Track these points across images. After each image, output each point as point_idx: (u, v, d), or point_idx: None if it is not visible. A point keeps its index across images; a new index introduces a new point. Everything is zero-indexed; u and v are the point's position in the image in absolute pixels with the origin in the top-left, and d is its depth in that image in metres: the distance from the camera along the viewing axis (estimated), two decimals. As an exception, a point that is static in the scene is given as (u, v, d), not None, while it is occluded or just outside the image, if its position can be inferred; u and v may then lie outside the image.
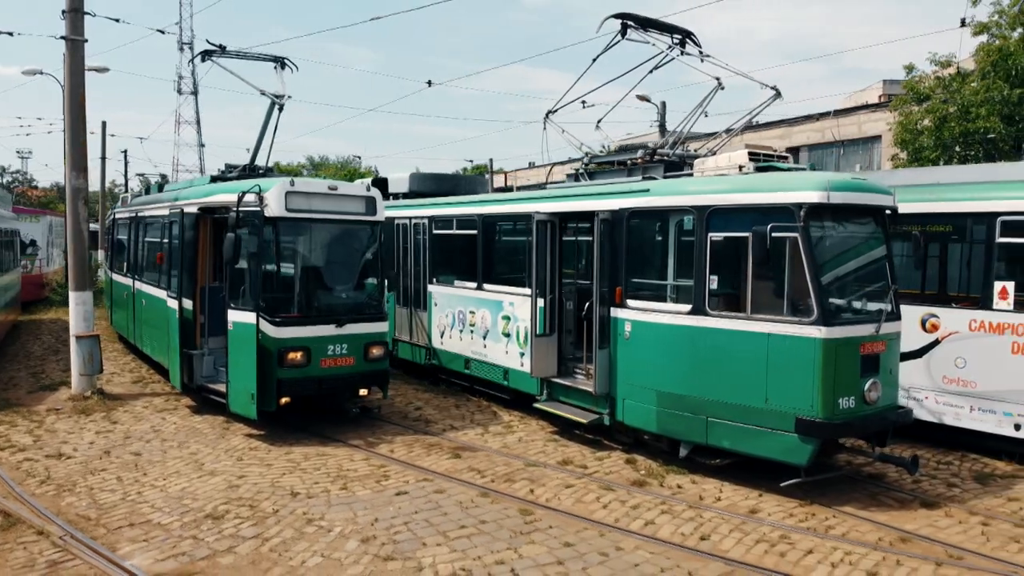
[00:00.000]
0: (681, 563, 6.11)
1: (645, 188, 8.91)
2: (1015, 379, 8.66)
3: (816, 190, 7.45)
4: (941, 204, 9.45)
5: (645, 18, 9.82)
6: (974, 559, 6.27)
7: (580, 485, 7.99)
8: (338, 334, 9.72)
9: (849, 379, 7.46)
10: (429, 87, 26.04)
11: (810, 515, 7.23)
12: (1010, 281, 8.75)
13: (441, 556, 6.21)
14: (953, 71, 24.89)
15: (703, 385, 8.17)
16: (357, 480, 8.11)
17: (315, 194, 9.80)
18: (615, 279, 9.09)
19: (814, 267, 7.39)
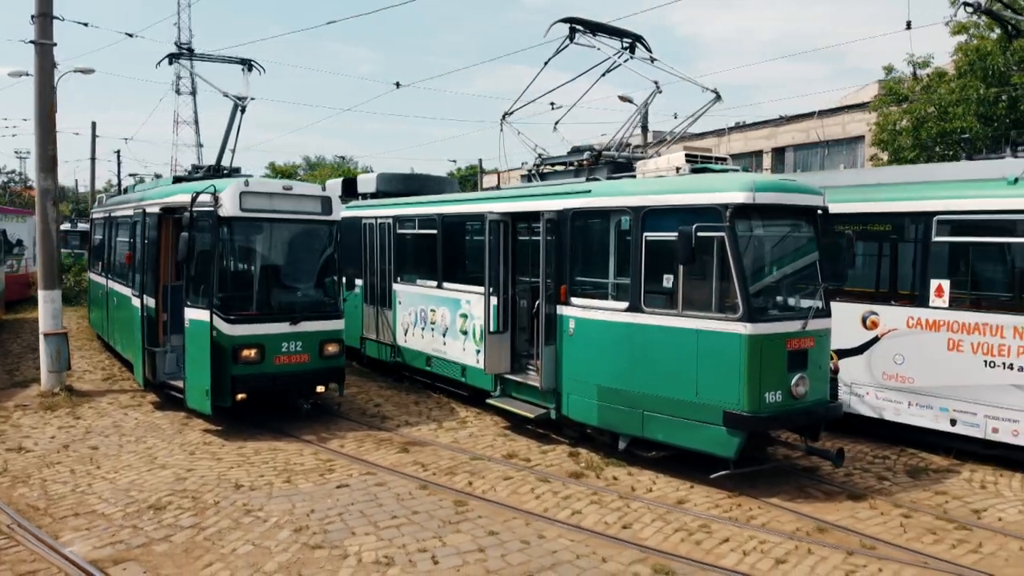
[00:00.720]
0: (597, 550, 6.31)
1: (587, 189, 9.12)
2: (950, 375, 8.86)
3: (741, 191, 7.66)
4: (882, 204, 9.66)
5: (593, 23, 10.03)
6: (886, 549, 6.46)
7: (519, 477, 8.20)
8: (292, 332, 9.94)
9: (775, 374, 7.67)
10: (397, 88, 26.21)
11: (736, 506, 7.44)
12: (945, 279, 8.96)
13: (368, 544, 6.42)
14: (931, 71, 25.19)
15: (639, 380, 8.37)
16: (302, 474, 8.31)
17: (270, 194, 10.01)
18: (560, 277, 9.30)
19: (740, 265, 7.59)
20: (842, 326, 9.80)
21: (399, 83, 20.69)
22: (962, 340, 8.75)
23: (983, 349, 8.58)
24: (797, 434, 8.52)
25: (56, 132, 12.82)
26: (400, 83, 19.76)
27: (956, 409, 8.86)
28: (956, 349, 8.80)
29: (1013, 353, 8.33)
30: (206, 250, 9.79)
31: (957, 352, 8.79)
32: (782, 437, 8.89)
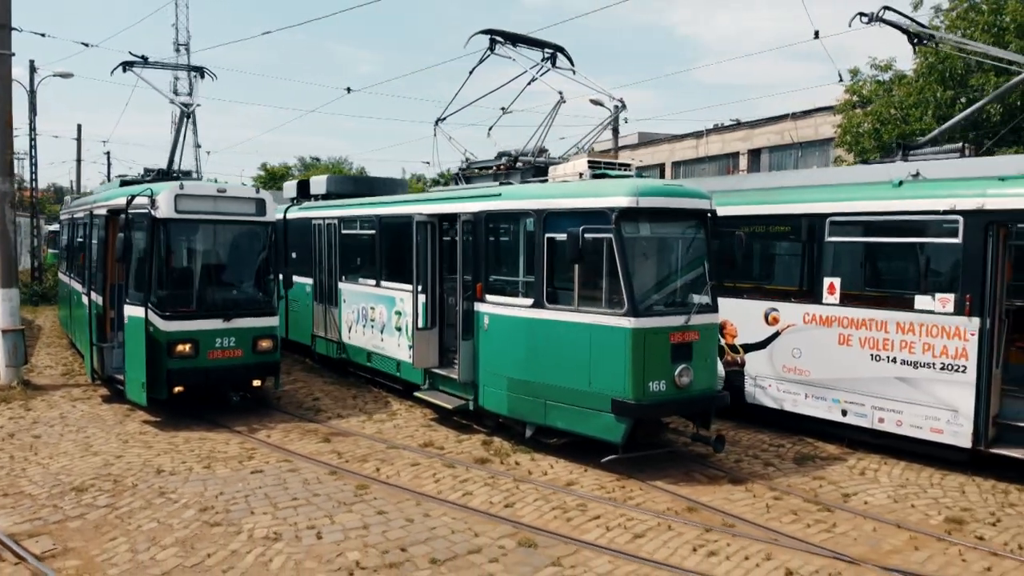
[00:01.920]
0: (474, 526, 6.83)
1: (498, 192, 9.64)
2: (841, 368, 9.38)
3: (626, 195, 8.18)
4: (783, 207, 10.18)
5: (513, 34, 10.54)
6: (744, 527, 6.98)
7: (426, 464, 8.72)
8: (226, 328, 10.45)
9: (659, 365, 8.18)
10: (348, 93, 26.84)
11: (620, 487, 7.96)
12: (837, 277, 9.48)
13: (262, 522, 6.93)
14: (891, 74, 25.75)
15: (543, 371, 8.89)
16: (222, 460, 8.83)
17: (204, 196, 10.52)
18: (476, 276, 9.82)
19: (625, 264, 8.11)
20: (748, 322, 10.39)
21: (350, 88, 21.26)
22: (851, 335, 9.27)
23: (869, 343, 9.09)
24: (691, 421, 9.03)
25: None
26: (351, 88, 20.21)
27: (847, 400, 9.38)
28: (846, 343, 9.32)
29: (896, 347, 8.84)
30: (143, 250, 10.31)
31: (847, 346, 9.31)
32: (676, 424, 9.40)
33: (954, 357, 8.33)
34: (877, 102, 25.02)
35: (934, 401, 8.52)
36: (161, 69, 13.81)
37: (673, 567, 6.04)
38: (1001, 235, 8.12)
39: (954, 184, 8.53)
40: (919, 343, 8.62)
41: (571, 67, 10.93)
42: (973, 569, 6.09)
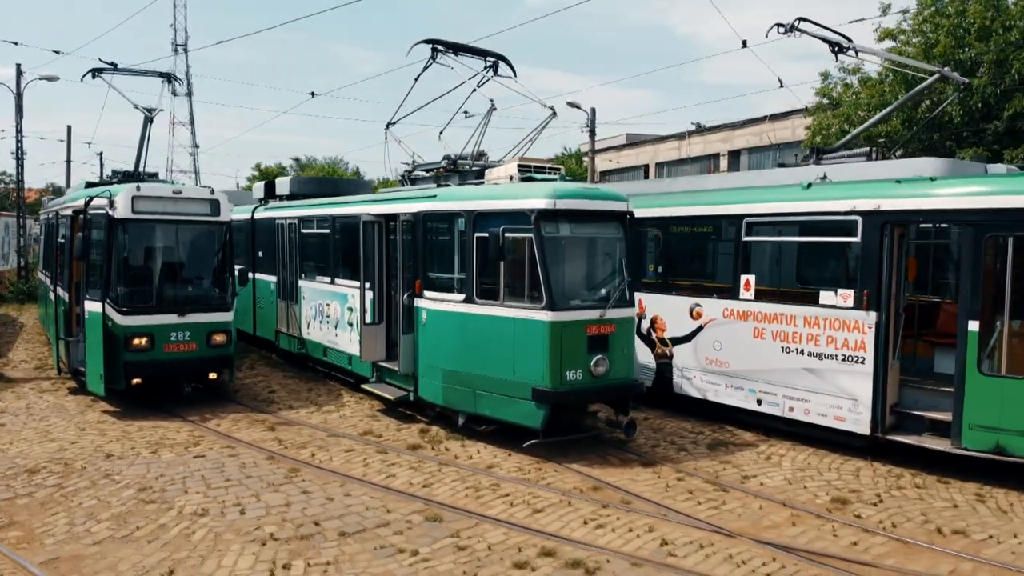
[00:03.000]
0: (388, 504, 7.38)
1: (433, 194, 10.20)
2: (756, 360, 9.94)
3: (544, 198, 8.74)
4: (707, 208, 10.75)
5: (454, 43, 11.08)
6: (640, 504, 7.53)
7: (360, 450, 9.27)
8: (181, 322, 11.00)
9: (576, 356, 8.74)
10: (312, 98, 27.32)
11: (537, 469, 8.52)
12: (752, 274, 10.04)
13: (193, 500, 7.48)
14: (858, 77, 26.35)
15: (473, 362, 9.44)
16: (169, 447, 9.37)
17: (160, 198, 11.07)
18: (416, 273, 10.37)
19: (544, 261, 8.67)
20: (676, 317, 10.96)
21: (314, 92, 21.89)
22: (764, 328, 9.82)
23: (780, 336, 9.65)
24: (612, 407, 9.58)
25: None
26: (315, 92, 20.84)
27: (761, 390, 9.93)
28: (760, 337, 9.88)
29: (804, 340, 9.40)
30: (102, 248, 10.85)
31: (761, 339, 9.87)
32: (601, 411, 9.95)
33: (854, 349, 8.89)
34: (846, 104, 25.64)
35: (837, 391, 9.08)
36: (130, 75, 14.34)
37: (560, 537, 6.60)
38: (896, 234, 8.68)
39: (855, 187, 9.09)
40: (823, 336, 9.18)
41: (512, 75, 11.48)
42: (840, 544, 6.63)
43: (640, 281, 11.63)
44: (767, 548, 6.44)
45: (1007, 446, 7.83)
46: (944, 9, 22.59)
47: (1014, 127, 21.52)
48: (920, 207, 8.42)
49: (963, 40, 22.12)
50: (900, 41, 23.85)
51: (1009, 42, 21.13)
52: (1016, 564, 6.18)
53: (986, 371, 7.92)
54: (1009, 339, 7.83)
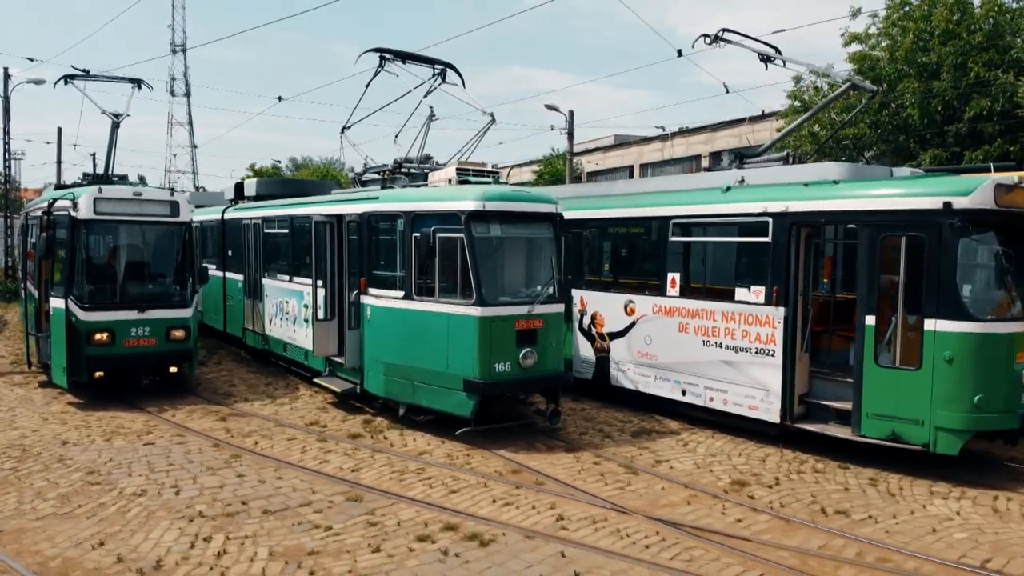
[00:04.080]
0: (315, 486, 7.92)
1: (376, 196, 10.74)
2: (681, 353, 10.49)
3: (474, 200, 9.28)
4: (639, 210, 11.30)
5: (402, 52, 11.60)
6: (552, 484, 8.08)
7: (301, 438, 9.81)
8: (140, 318, 11.54)
9: (505, 349, 9.28)
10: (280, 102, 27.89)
11: (466, 455, 9.06)
12: (678, 272, 10.58)
13: (135, 482, 8.02)
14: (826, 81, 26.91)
15: (412, 356, 9.98)
16: (123, 435, 9.91)
17: (121, 199, 11.61)
18: (361, 271, 10.91)
19: (475, 260, 9.21)
20: (613, 312, 11.51)
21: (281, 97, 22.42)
22: (688, 323, 10.37)
23: (702, 331, 10.20)
24: (544, 397, 10.12)
25: None
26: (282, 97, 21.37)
27: (686, 381, 10.48)
28: (684, 331, 10.42)
29: (722, 334, 9.94)
30: (65, 247, 11.39)
31: (685, 333, 10.41)
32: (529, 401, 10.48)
33: (765, 342, 9.43)
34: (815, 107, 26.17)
35: (751, 382, 9.62)
36: (102, 81, 14.86)
37: (466, 514, 7.14)
38: (803, 234, 9.22)
39: (768, 189, 9.64)
40: (739, 330, 9.72)
41: (460, 83, 12.01)
42: (725, 521, 7.17)
43: (583, 279, 12.22)
44: (655, 523, 6.98)
45: (901, 433, 8.37)
46: (912, 13, 23.15)
47: (975, 128, 22.09)
48: (823, 208, 8.96)
49: (927, 43, 22.70)
50: (868, 45, 24.44)
51: (971, 45, 21.70)
52: (886, 541, 6.70)
53: (882, 363, 8.46)
54: (903, 333, 8.36)
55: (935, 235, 8.05)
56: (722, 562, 6.21)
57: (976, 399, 7.94)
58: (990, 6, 21.83)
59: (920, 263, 8.18)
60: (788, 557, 6.33)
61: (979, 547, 6.57)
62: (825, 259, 10.17)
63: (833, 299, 10.50)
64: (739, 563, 6.19)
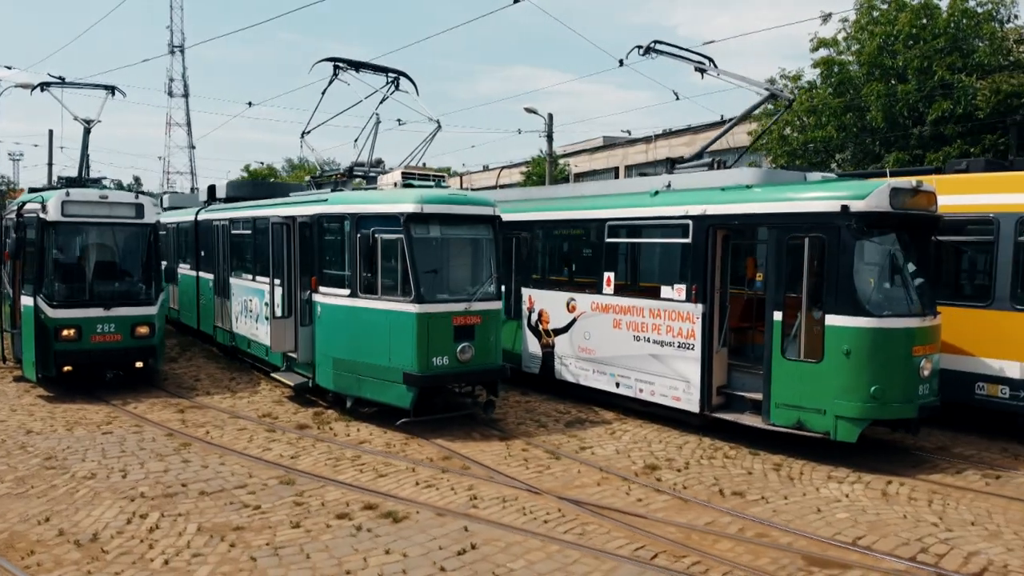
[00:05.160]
0: (253, 471, 8.49)
1: (326, 198, 11.32)
2: (615, 347, 11.07)
3: (412, 203, 9.86)
4: (580, 212, 11.90)
5: (354, 61, 12.17)
6: (477, 469, 8.65)
7: (251, 428, 10.39)
8: (106, 315, 12.11)
9: (443, 343, 9.86)
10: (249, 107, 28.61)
11: (404, 444, 9.63)
12: (612, 271, 11.16)
13: (87, 467, 8.59)
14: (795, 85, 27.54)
15: (357, 351, 10.55)
16: (85, 425, 10.48)
17: (88, 202, 12.20)
18: (312, 270, 11.47)
19: (413, 259, 9.79)
20: (556, 310, 12.10)
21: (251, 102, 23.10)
22: (621, 319, 10.95)
23: (632, 327, 10.77)
24: (485, 389, 10.70)
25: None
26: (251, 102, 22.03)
27: (619, 374, 11.06)
28: (618, 327, 11.00)
29: (650, 329, 10.52)
30: (35, 248, 11.98)
31: (619, 329, 10.99)
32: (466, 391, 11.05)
33: (686, 337, 10.01)
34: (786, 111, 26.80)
35: (674, 374, 10.20)
36: (75, 88, 15.45)
37: (387, 495, 7.71)
38: (719, 236, 9.80)
39: (689, 194, 10.23)
40: (664, 326, 10.30)
41: (415, 90, 12.58)
42: (628, 500, 7.75)
43: (531, 279, 12.80)
44: (561, 502, 7.55)
45: (806, 422, 8.94)
46: (880, 17, 23.75)
47: (937, 131, 22.68)
48: (737, 212, 9.54)
49: (892, 47, 23.30)
50: (836, 50, 25.04)
51: (935, 49, 22.28)
52: (771, 520, 7.25)
53: (789, 356, 9.04)
54: (807, 328, 8.93)
55: (834, 236, 8.62)
56: (611, 535, 6.78)
57: (872, 390, 8.51)
58: (953, 10, 22.41)
59: (821, 262, 8.76)
60: (674, 532, 6.90)
61: (856, 526, 7.13)
62: (748, 259, 10.73)
63: (756, 297, 11.07)
64: (626, 536, 6.75)
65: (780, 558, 6.36)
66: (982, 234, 10.12)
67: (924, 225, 9.13)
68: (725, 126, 12.25)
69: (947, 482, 8.40)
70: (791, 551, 6.52)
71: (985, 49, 21.74)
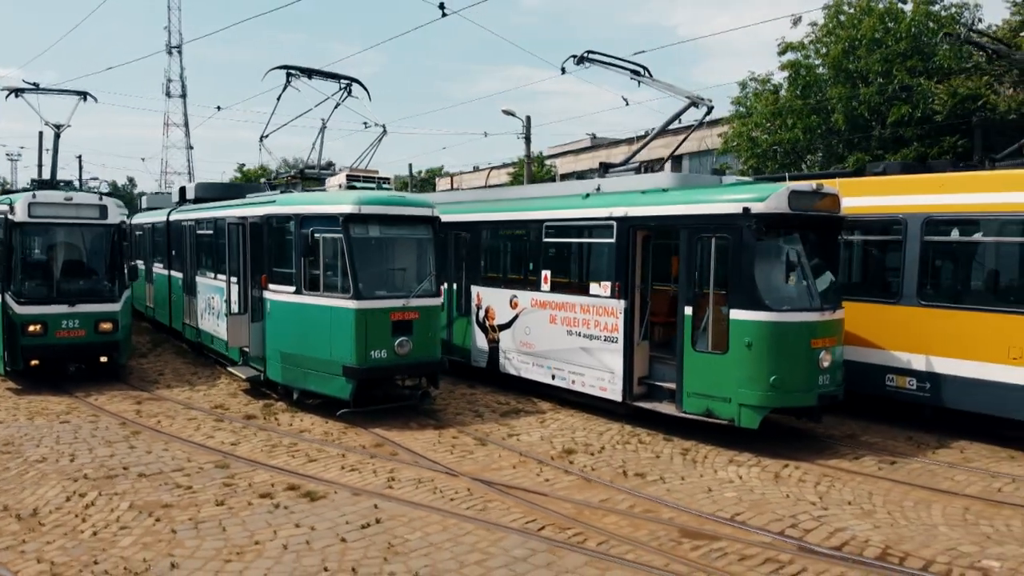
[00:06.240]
0: (193, 456, 9.08)
1: (274, 200, 11.92)
2: (551, 341, 11.66)
3: (350, 204, 10.45)
4: (521, 214, 12.50)
5: (307, 68, 12.76)
6: (404, 454, 9.24)
7: (201, 418, 10.98)
8: (71, 312, 12.71)
9: (380, 338, 10.44)
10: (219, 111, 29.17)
11: (342, 433, 10.22)
12: (549, 270, 11.76)
13: (40, 452, 9.19)
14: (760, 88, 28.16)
15: (302, 345, 11.14)
16: (45, 415, 11.08)
17: (54, 204, 12.80)
18: (262, 268, 12.06)
19: (352, 258, 10.38)
20: (501, 306, 12.69)
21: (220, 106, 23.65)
22: (556, 315, 11.54)
23: (566, 322, 11.36)
24: (426, 380, 11.29)
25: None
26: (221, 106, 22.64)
27: (554, 367, 11.65)
28: (554, 322, 11.60)
29: (580, 324, 11.11)
30: (3, 247, 12.58)
31: (554, 324, 11.58)
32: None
33: (611, 331, 10.60)
34: (756, 114, 27.45)
35: (601, 366, 10.79)
36: (48, 94, 16.03)
37: (311, 477, 8.30)
38: (639, 236, 10.40)
39: (615, 196, 10.82)
40: (592, 320, 10.89)
41: (366, 96, 13.17)
42: (536, 480, 8.33)
43: (479, 276, 13.39)
44: (473, 483, 8.14)
45: (714, 410, 9.53)
46: (846, 21, 24.35)
47: (896, 133, 23.27)
48: (653, 213, 10.14)
49: (855, 51, 23.90)
50: (803, 53, 25.65)
51: (897, 53, 22.88)
52: (662, 498, 7.83)
53: (698, 348, 9.63)
54: (714, 322, 9.52)
55: (737, 236, 9.21)
56: (510, 511, 7.37)
57: (772, 379, 9.10)
58: (916, 14, 23.00)
59: (726, 260, 9.35)
60: (568, 508, 7.49)
61: (739, 504, 7.71)
62: (673, 258, 11.32)
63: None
64: (523, 512, 7.34)
65: (657, 531, 6.94)
66: (892, 234, 10.71)
67: (826, 225, 9.71)
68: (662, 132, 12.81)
69: (842, 466, 8.98)
70: (670, 525, 7.10)
71: (946, 52, 22.28)
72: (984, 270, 10.17)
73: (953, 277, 10.54)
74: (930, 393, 10.21)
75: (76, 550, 6.43)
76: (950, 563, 6.36)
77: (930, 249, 10.27)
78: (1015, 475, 8.72)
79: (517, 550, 6.43)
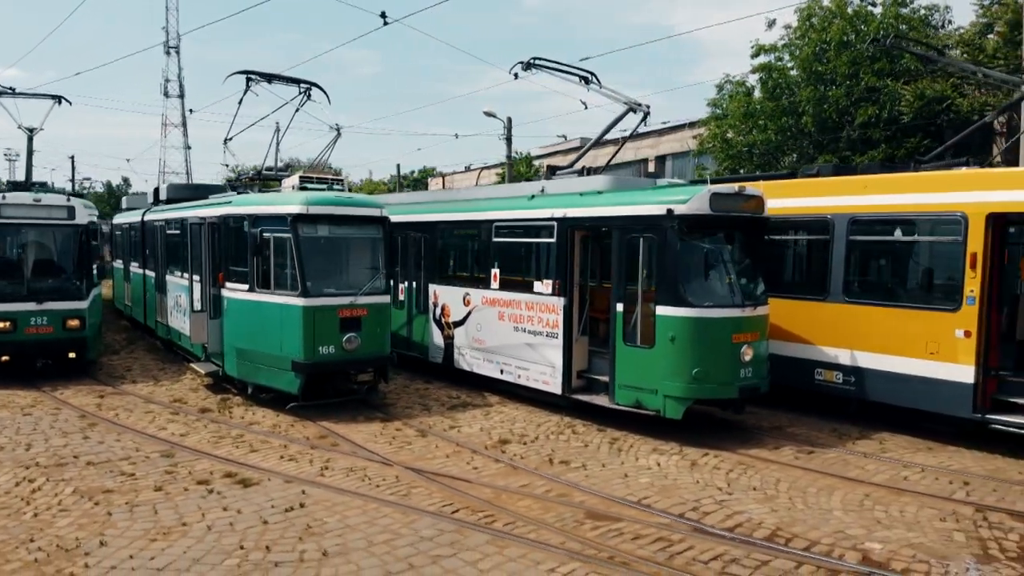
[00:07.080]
0: (142, 446, 9.51)
1: (230, 200, 12.36)
2: (499, 338, 12.10)
3: (299, 204, 10.89)
4: (474, 214, 12.93)
5: (267, 73, 13.19)
6: (346, 445, 9.67)
7: (158, 411, 11.41)
8: (39, 309, 13.15)
9: (328, 334, 10.87)
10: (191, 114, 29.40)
11: (290, 426, 10.65)
12: (498, 268, 12.19)
13: (-2, 442, 9.65)
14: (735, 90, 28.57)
15: (255, 341, 11.58)
16: (10, 408, 11.49)
17: (22, 205, 13.24)
18: (219, 267, 12.49)
19: (300, 256, 10.82)
20: (455, 304, 13.12)
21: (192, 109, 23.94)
22: (504, 312, 11.98)
23: (513, 318, 11.80)
24: (378, 374, 11.72)
25: None
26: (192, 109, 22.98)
27: (502, 362, 12.10)
28: (502, 319, 12.04)
29: (526, 321, 11.55)
30: (-28, 248, 13.04)
31: (502, 321, 12.02)
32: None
33: (552, 327, 11.04)
34: (731, 115, 27.89)
35: (544, 360, 11.23)
36: (23, 98, 16.46)
37: (248, 465, 8.73)
38: (577, 236, 10.84)
39: (556, 198, 11.27)
40: (536, 317, 11.33)
41: (326, 99, 13.60)
42: (465, 468, 8.76)
43: (436, 275, 13.83)
44: (404, 471, 8.58)
45: (643, 401, 9.97)
46: (817, 24, 24.78)
47: (864, 134, 23.70)
48: (589, 214, 10.58)
49: (825, 53, 24.34)
50: (776, 55, 26.09)
51: (864, 56, 23.31)
52: (579, 483, 8.26)
53: (628, 343, 10.07)
54: (642, 317, 9.96)
55: (662, 236, 9.64)
56: (431, 496, 7.80)
57: (694, 372, 9.54)
58: (886, 16, 23.42)
59: (652, 259, 9.78)
60: (487, 493, 7.92)
61: (650, 488, 8.15)
62: (615, 256, 11.73)
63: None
64: (444, 496, 7.78)
65: (564, 513, 7.38)
66: (820, 233, 11.14)
67: (749, 226, 10.14)
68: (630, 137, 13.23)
69: (761, 456, 9.41)
70: (579, 508, 7.54)
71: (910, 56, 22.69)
72: (904, 268, 10.60)
73: (876, 275, 10.99)
74: (855, 387, 10.65)
75: (16, 529, 6.87)
76: (833, 544, 6.78)
77: (855, 248, 10.71)
78: (926, 465, 9.14)
79: (426, 531, 6.86)
